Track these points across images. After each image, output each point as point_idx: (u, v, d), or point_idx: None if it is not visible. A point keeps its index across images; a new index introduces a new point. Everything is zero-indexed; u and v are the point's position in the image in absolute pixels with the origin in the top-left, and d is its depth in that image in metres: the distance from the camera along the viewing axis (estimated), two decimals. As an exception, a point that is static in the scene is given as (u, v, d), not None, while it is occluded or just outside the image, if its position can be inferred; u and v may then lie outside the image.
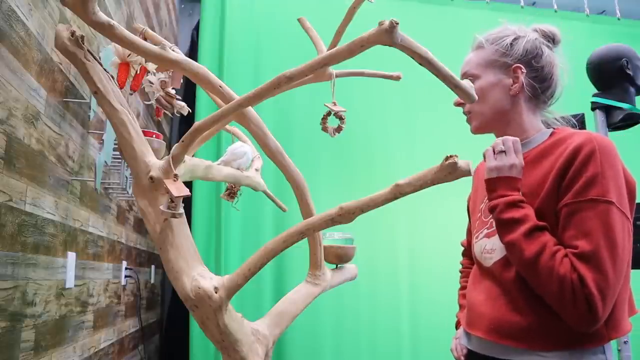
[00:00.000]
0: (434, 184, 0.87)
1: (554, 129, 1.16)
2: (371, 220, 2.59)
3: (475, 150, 2.74)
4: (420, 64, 0.79)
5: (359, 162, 2.87)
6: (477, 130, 1.24)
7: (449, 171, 0.83)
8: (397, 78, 1.56)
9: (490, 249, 1.12)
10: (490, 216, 1.14)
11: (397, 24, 0.73)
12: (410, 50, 0.77)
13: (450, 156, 0.84)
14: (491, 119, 1.19)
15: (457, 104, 1.24)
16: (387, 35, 0.74)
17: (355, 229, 1.48)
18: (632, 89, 1.87)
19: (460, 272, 1.64)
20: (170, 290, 2.94)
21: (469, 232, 1.50)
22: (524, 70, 1.15)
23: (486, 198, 1.16)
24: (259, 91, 0.90)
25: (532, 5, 3.61)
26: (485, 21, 3.38)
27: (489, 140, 2.59)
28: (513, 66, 1.15)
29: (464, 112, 1.25)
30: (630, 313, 1.04)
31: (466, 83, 0.78)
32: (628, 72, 1.81)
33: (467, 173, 0.83)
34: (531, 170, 1.08)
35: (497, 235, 1.09)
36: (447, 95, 1.44)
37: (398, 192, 0.89)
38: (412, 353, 2.71)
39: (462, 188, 2.40)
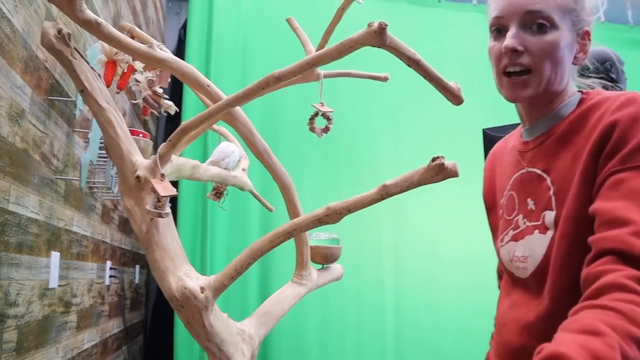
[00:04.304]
0: (421, 185, 0.87)
1: (582, 92, 0.93)
2: (357, 220, 2.60)
3: (461, 149, 2.78)
4: (409, 66, 0.80)
5: (345, 162, 2.88)
6: (529, 99, 0.89)
7: (436, 172, 0.83)
8: (385, 79, 1.56)
9: (522, 256, 0.91)
10: (515, 213, 0.94)
11: (387, 25, 0.73)
12: (399, 52, 0.77)
13: (437, 157, 0.84)
14: (550, 89, 0.88)
15: (510, 49, 0.85)
16: (376, 37, 0.74)
17: (341, 229, 1.48)
18: (615, 87, 1.90)
19: None
20: (154, 290, 2.92)
21: (495, 235, 1.11)
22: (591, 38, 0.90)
23: (507, 191, 0.97)
24: (247, 91, 0.89)
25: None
26: (472, 23, 3.42)
27: (477, 139, 2.59)
28: (585, 29, 0.89)
29: (510, 66, 0.87)
30: None
31: (454, 85, 0.79)
32: (612, 75, 1.84)
33: (454, 174, 0.84)
34: (561, 150, 0.87)
35: (527, 238, 0.89)
36: (433, 96, 1.45)
37: (385, 193, 0.89)
38: (396, 354, 2.72)
39: (448, 189, 2.43)
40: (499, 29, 0.90)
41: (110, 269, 1.94)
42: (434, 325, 2.78)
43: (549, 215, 0.86)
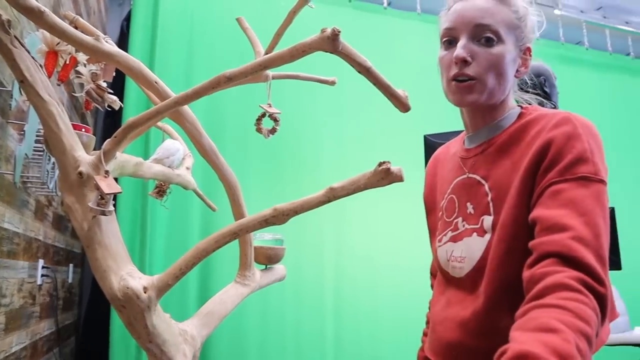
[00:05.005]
0: (368, 189, 0.90)
1: (521, 107, 0.99)
2: (298, 221, 2.61)
3: (403, 154, 2.85)
4: (359, 72, 0.82)
5: (288, 163, 2.89)
6: (472, 104, 0.94)
7: (382, 176, 0.86)
8: (332, 83, 1.59)
9: (459, 256, 0.95)
10: (455, 215, 0.98)
11: (340, 32, 0.75)
12: (350, 58, 0.79)
13: (384, 162, 0.87)
14: (492, 98, 0.93)
15: (460, 59, 0.91)
16: (329, 43, 0.76)
17: (282, 229, 1.49)
18: (547, 104, 2.01)
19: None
20: (88, 290, 2.82)
21: (432, 235, 1.16)
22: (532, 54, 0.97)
23: (448, 194, 1.02)
24: (197, 90, 0.89)
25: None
26: (416, 32, 3.52)
27: (418, 144, 2.66)
28: (527, 45, 0.96)
29: (458, 76, 0.92)
30: (610, 317, 0.87)
31: (402, 93, 0.82)
32: (545, 89, 1.94)
33: (399, 179, 0.87)
34: (500, 160, 0.92)
35: (465, 240, 0.93)
36: (377, 101, 1.49)
37: (332, 196, 0.91)
38: (335, 355, 2.75)
39: (391, 194, 2.49)
40: (450, 40, 0.96)
41: (43, 267, 1.86)
42: (372, 330, 2.83)
43: (487, 220, 0.92)
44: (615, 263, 2.34)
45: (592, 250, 0.74)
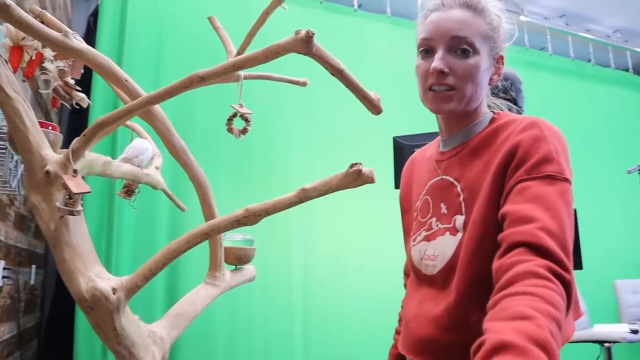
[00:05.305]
0: (339, 190, 0.90)
1: (494, 112, 1.03)
2: (267, 221, 2.61)
3: (373, 155, 2.87)
4: (332, 75, 0.83)
5: (258, 163, 2.88)
6: (450, 112, 0.97)
7: (354, 178, 0.87)
8: (304, 84, 1.59)
9: (432, 254, 0.98)
10: (429, 216, 1.02)
11: (314, 34, 0.75)
12: (323, 60, 0.80)
13: (355, 163, 0.88)
14: (469, 105, 0.97)
15: (437, 70, 0.93)
16: (303, 45, 0.76)
17: (251, 230, 1.48)
18: (514, 109, 2.06)
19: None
20: (51, 292, 2.74)
21: (407, 235, 1.18)
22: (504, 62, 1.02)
23: (423, 195, 1.05)
24: (169, 89, 0.88)
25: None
26: (386, 34, 3.54)
27: (388, 144, 2.68)
28: (500, 54, 1.00)
29: (435, 85, 0.95)
30: (575, 315, 0.92)
31: (374, 95, 0.83)
32: (512, 93, 1.99)
33: (370, 180, 0.88)
34: (472, 162, 0.96)
35: (439, 239, 0.96)
36: (347, 102, 1.50)
37: (304, 197, 0.92)
38: (304, 354, 2.76)
39: (359, 194, 2.50)
40: (426, 50, 0.99)
41: (4, 269, 1.80)
42: (340, 329, 2.84)
43: (459, 219, 0.95)
44: (577, 263, 2.42)
45: (557, 241, 0.77)
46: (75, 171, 0.86)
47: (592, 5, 3.94)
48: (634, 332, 2.78)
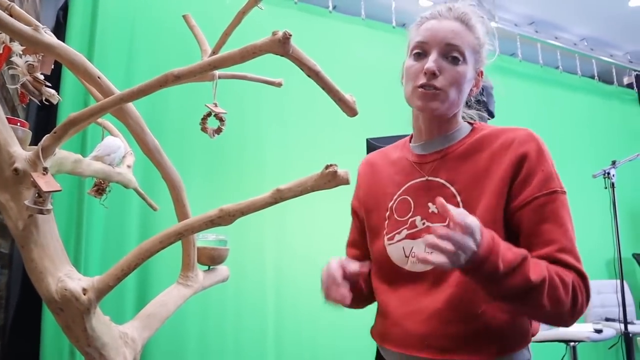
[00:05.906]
0: (314, 191, 0.91)
1: (470, 123, 1.13)
2: (239, 221, 2.59)
3: (346, 156, 2.88)
4: (309, 76, 0.83)
5: (232, 163, 2.86)
6: (434, 112, 1.05)
7: (329, 179, 0.87)
8: (279, 85, 1.59)
9: (425, 252, 0.98)
10: (409, 215, 1.07)
11: (291, 35, 0.75)
12: (300, 61, 0.80)
13: (330, 165, 0.89)
14: (450, 109, 1.06)
15: (430, 71, 1.01)
16: (280, 46, 0.76)
17: (223, 230, 1.47)
18: (485, 114, 2.10)
19: None
20: (16, 293, 2.67)
21: (355, 239, 1.26)
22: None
23: (398, 196, 1.10)
24: (144, 87, 0.87)
25: (402, 26, 3.88)
26: (359, 36, 3.55)
27: (361, 145, 2.69)
28: (481, 69, 1.11)
29: (425, 85, 1.03)
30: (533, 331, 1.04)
31: (350, 97, 0.83)
32: (482, 99, 2.03)
33: (345, 181, 0.89)
34: (461, 166, 1.04)
35: (425, 237, 0.97)
36: (321, 103, 1.50)
37: (279, 197, 0.92)
38: (276, 355, 2.75)
39: (330, 195, 2.51)
40: (420, 52, 1.06)
41: (-33, 268, 1.75)
42: (311, 329, 2.85)
43: None
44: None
45: (572, 256, 0.95)
46: (45, 169, 0.84)
47: (561, 13, 4.04)
48: (598, 331, 2.86)
